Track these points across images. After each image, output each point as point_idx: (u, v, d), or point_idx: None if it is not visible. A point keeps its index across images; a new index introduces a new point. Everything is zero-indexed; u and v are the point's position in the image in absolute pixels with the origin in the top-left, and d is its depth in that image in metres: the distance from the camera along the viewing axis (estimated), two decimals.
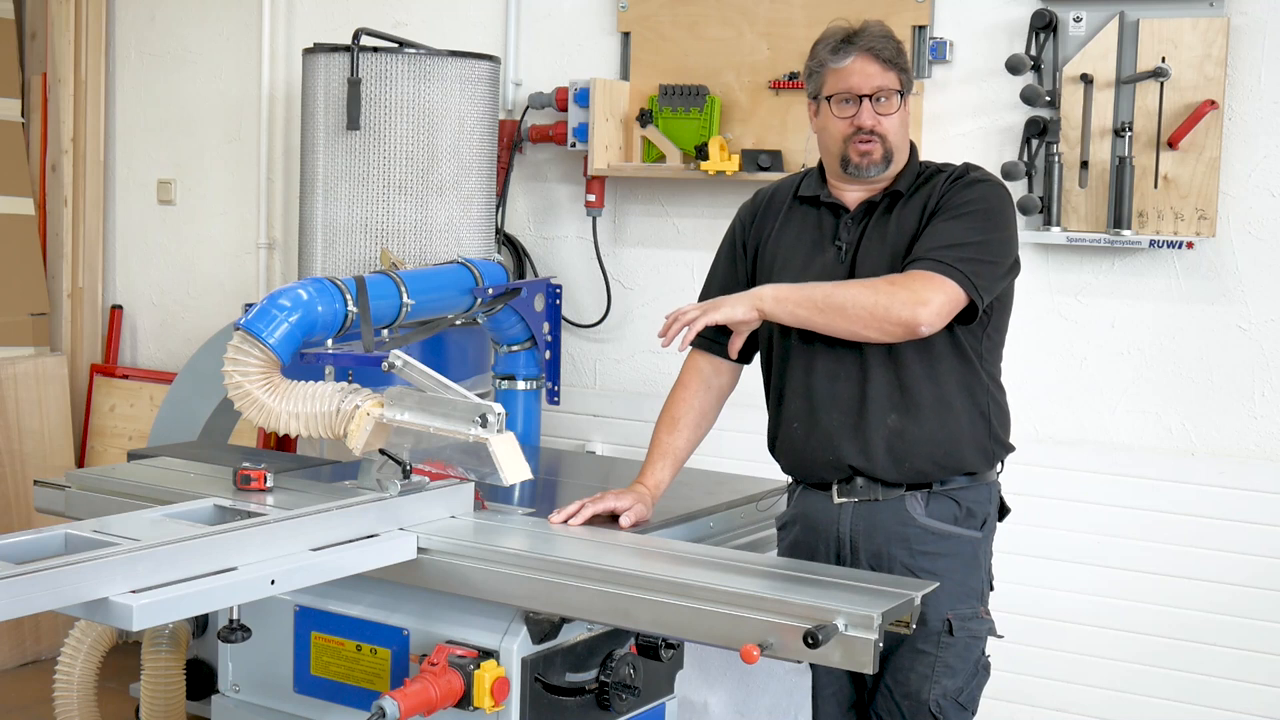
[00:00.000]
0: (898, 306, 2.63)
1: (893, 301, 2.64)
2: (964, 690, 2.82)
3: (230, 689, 2.99)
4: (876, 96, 2.77)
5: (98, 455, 5.33)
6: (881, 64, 2.77)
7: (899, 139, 2.81)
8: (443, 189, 3.94)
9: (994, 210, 2.76)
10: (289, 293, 3.01)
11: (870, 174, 2.80)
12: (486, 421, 2.69)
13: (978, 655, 2.84)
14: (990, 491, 2.87)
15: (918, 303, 2.63)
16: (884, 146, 2.78)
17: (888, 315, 2.64)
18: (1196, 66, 3.68)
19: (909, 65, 2.83)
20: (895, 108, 2.77)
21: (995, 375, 2.88)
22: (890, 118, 2.78)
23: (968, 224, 2.72)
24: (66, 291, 5.40)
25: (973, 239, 2.70)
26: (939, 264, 2.66)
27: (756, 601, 2.37)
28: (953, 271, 2.65)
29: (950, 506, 2.81)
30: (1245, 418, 3.77)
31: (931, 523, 2.79)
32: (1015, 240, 2.80)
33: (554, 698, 2.66)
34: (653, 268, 4.52)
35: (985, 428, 2.83)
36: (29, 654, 4.98)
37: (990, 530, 2.89)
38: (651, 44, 4.41)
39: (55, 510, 3.12)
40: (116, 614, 2.20)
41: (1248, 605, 3.74)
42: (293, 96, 4.96)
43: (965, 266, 2.66)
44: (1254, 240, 3.73)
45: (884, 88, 2.77)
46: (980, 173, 2.83)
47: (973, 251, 2.69)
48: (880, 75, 2.77)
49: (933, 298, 2.64)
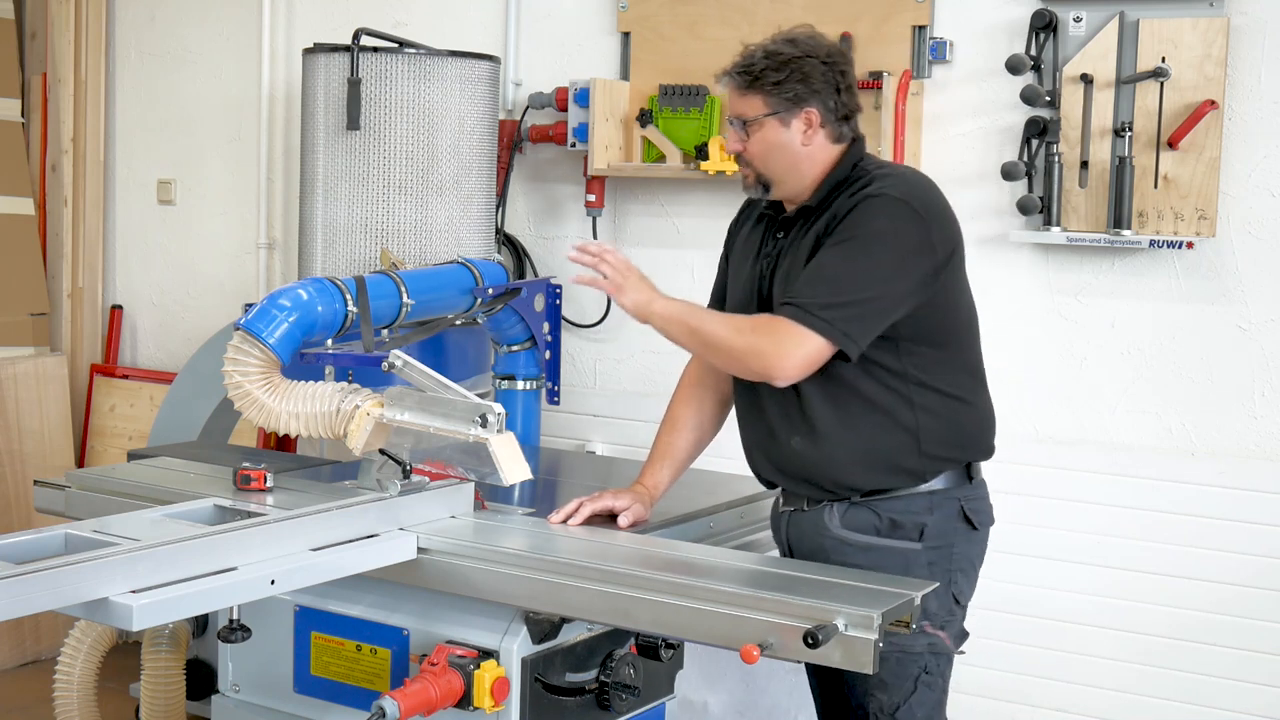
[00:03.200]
0: (753, 357, 2.64)
1: (750, 351, 2.64)
2: (901, 706, 2.75)
3: (230, 689, 2.99)
4: (738, 123, 2.78)
5: (98, 455, 5.33)
6: (737, 90, 2.77)
7: (770, 164, 2.76)
8: (443, 189, 3.94)
9: (879, 236, 2.64)
10: (289, 293, 3.01)
11: (753, 194, 2.84)
12: (486, 421, 2.69)
13: (916, 672, 2.74)
14: (930, 502, 2.75)
15: (776, 355, 2.61)
16: (754, 171, 2.79)
17: (745, 363, 2.67)
18: (1196, 66, 3.68)
19: (790, 80, 2.73)
20: (752, 133, 2.75)
21: (938, 386, 2.75)
22: (750, 145, 2.77)
23: (845, 256, 2.63)
24: (66, 291, 5.40)
25: (846, 278, 2.62)
26: (803, 312, 2.60)
27: (756, 601, 2.37)
28: (816, 322, 2.59)
29: (869, 518, 2.74)
30: (1245, 418, 3.77)
31: (847, 534, 2.74)
32: (908, 267, 2.64)
33: (554, 698, 2.66)
34: (653, 268, 4.46)
35: (910, 442, 2.72)
36: (29, 654, 4.98)
37: (942, 543, 2.75)
38: (651, 44, 4.41)
39: (55, 510, 3.12)
40: (116, 614, 2.20)
41: (1248, 605, 3.74)
42: (293, 96, 4.96)
43: (829, 314, 2.59)
44: (1254, 240, 3.73)
45: (738, 114, 2.77)
46: (885, 186, 2.69)
47: (845, 293, 2.60)
48: (738, 102, 2.78)
49: (791, 352, 2.60)
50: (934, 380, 2.75)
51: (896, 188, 2.69)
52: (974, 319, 2.87)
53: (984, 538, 2.86)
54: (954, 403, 2.78)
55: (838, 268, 2.63)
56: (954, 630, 2.79)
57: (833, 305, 2.59)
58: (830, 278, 2.63)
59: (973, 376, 2.85)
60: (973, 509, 2.80)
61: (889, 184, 2.69)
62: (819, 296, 2.60)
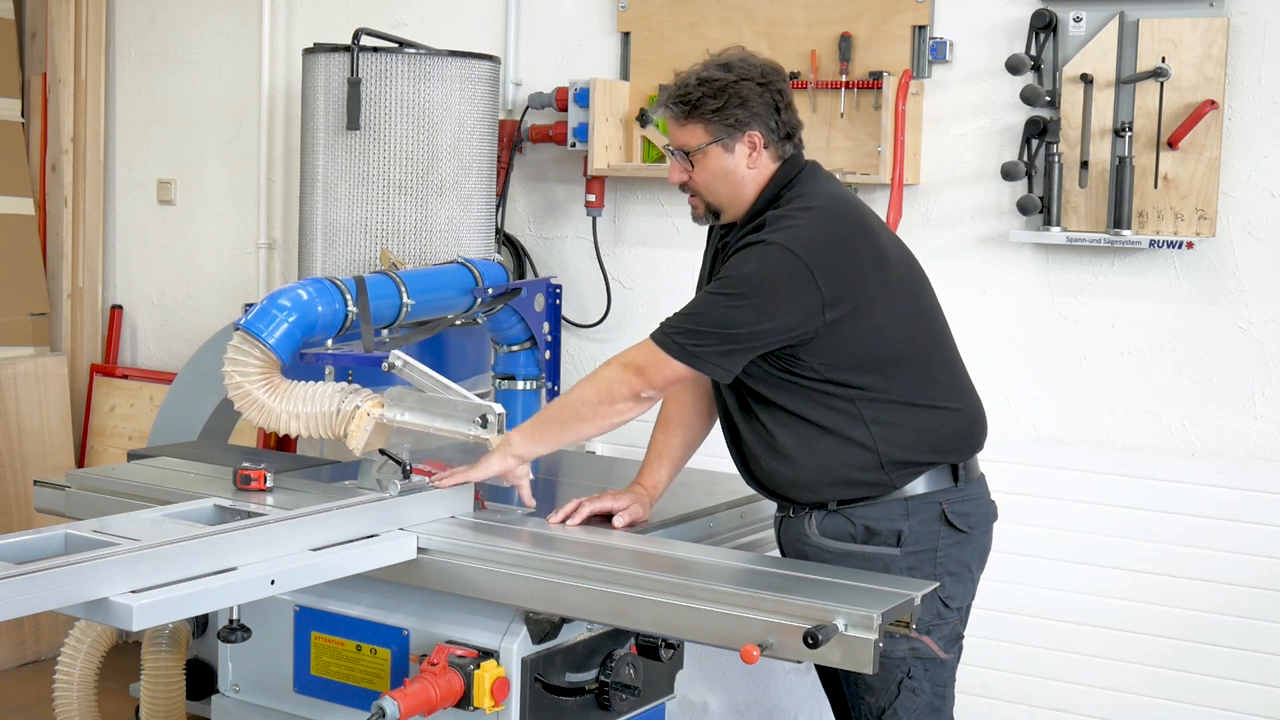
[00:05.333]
0: (617, 388, 2.72)
1: (610, 383, 2.72)
2: (886, 710, 2.77)
3: (230, 689, 2.99)
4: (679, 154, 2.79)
5: (98, 455, 5.33)
6: (676, 121, 2.78)
7: (714, 191, 2.79)
8: (443, 189, 3.94)
9: (746, 280, 2.67)
10: (289, 293, 3.01)
11: (704, 223, 2.89)
12: (486, 421, 2.69)
13: (899, 677, 2.75)
14: (905, 508, 2.76)
15: (633, 372, 2.71)
16: (703, 200, 2.81)
17: (613, 390, 2.73)
18: (1196, 66, 3.68)
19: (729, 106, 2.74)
20: (695, 162, 2.77)
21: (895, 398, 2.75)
22: (695, 174, 2.78)
23: (713, 292, 2.70)
24: (66, 291, 5.40)
25: (707, 310, 2.69)
26: (661, 334, 2.70)
27: (756, 601, 2.37)
28: (669, 343, 2.69)
29: (844, 525, 2.76)
30: (1245, 418, 3.77)
31: (825, 541, 2.76)
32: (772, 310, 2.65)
33: (554, 698, 2.67)
34: (653, 268, 4.51)
35: (868, 456, 2.73)
36: (29, 654, 4.98)
37: (922, 548, 2.76)
38: (651, 44, 4.41)
39: (55, 510, 3.12)
40: (116, 614, 2.20)
41: (1248, 605, 3.73)
42: (293, 96, 4.96)
43: (684, 339, 2.67)
44: (1254, 240, 3.73)
45: (680, 145, 2.79)
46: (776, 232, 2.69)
47: (701, 322, 2.67)
48: (676, 133, 2.79)
49: (646, 364, 2.70)
50: (889, 394, 2.75)
51: (787, 236, 2.67)
52: (925, 337, 2.84)
53: (979, 539, 2.86)
54: (920, 410, 2.78)
55: (702, 303, 2.72)
56: (942, 634, 2.77)
57: (688, 331, 2.68)
58: (693, 310, 2.71)
59: (942, 384, 2.83)
60: (956, 511, 2.79)
61: (783, 230, 2.69)
62: (679, 322, 2.70)
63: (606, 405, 2.74)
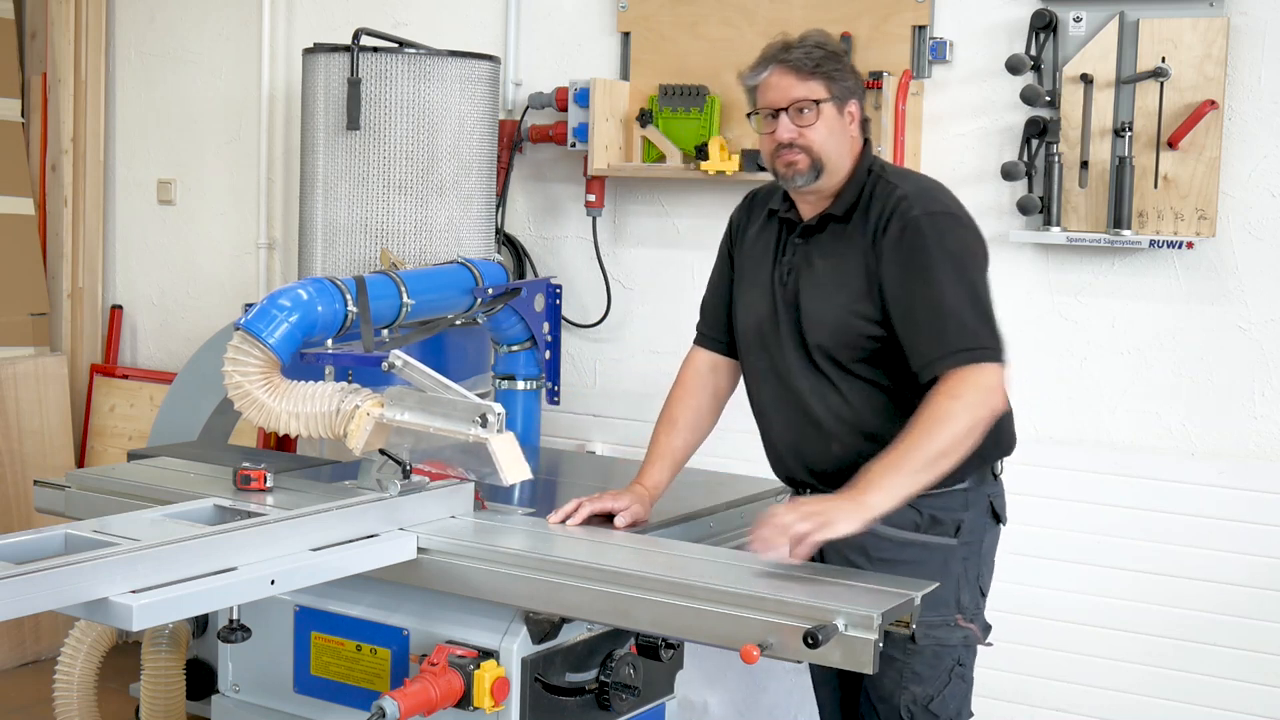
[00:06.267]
0: (980, 412, 2.64)
1: (973, 417, 2.63)
2: (934, 698, 2.79)
3: (230, 689, 2.99)
4: (796, 108, 2.78)
5: (98, 455, 5.33)
6: (799, 75, 2.77)
7: (828, 149, 2.79)
8: (443, 189, 3.94)
9: (966, 251, 2.73)
10: (289, 293, 3.01)
11: (798, 184, 2.81)
12: (486, 421, 2.69)
13: (950, 664, 2.80)
14: (965, 499, 2.81)
15: (988, 397, 2.65)
16: (809, 156, 2.78)
17: (978, 427, 2.64)
18: (1196, 66, 3.68)
19: (843, 73, 2.80)
20: (815, 118, 2.77)
21: None
22: (813, 129, 2.77)
23: (956, 282, 2.69)
24: (66, 291, 5.40)
25: (972, 300, 2.70)
26: (967, 354, 2.65)
27: (756, 601, 2.37)
28: (988, 353, 2.68)
29: (909, 515, 2.75)
30: (1245, 418, 3.77)
31: (889, 530, 2.74)
32: (985, 276, 2.76)
33: (554, 698, 2.67)
34: (653, 268, 4.52)
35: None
36: (29, 654, 4.98)
37: (974, 538, 2.83)
38: (651, 44, 4.41)
39: (55, 510, 3.12)
40: (116, 614, 2.20)
41: (1248, 605, 3.73)
42: (293, 96, 4.96)
43: (990, 338, 2.69)
44: (1254, 240, 3.73)
45: (801, 99, 2.77)
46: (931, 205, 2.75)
47: (980, 314, 2.70)
48: (798, 87, 2.78)
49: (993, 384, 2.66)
50: None
51: (944, 205, 2.77)
52: None
53: (1000, 531, 2.94)
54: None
55: (950, 299, 2.68)
56: (981, 624, 2.86)
57: (978, 331, 2.68)
58: (952, 312, 2.67)
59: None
60: (999, 504, 2.89)
61: (933, 199, 2.76)
62: (970, 335, 2.67)
63: (973, 438, 2.66)
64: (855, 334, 2.75)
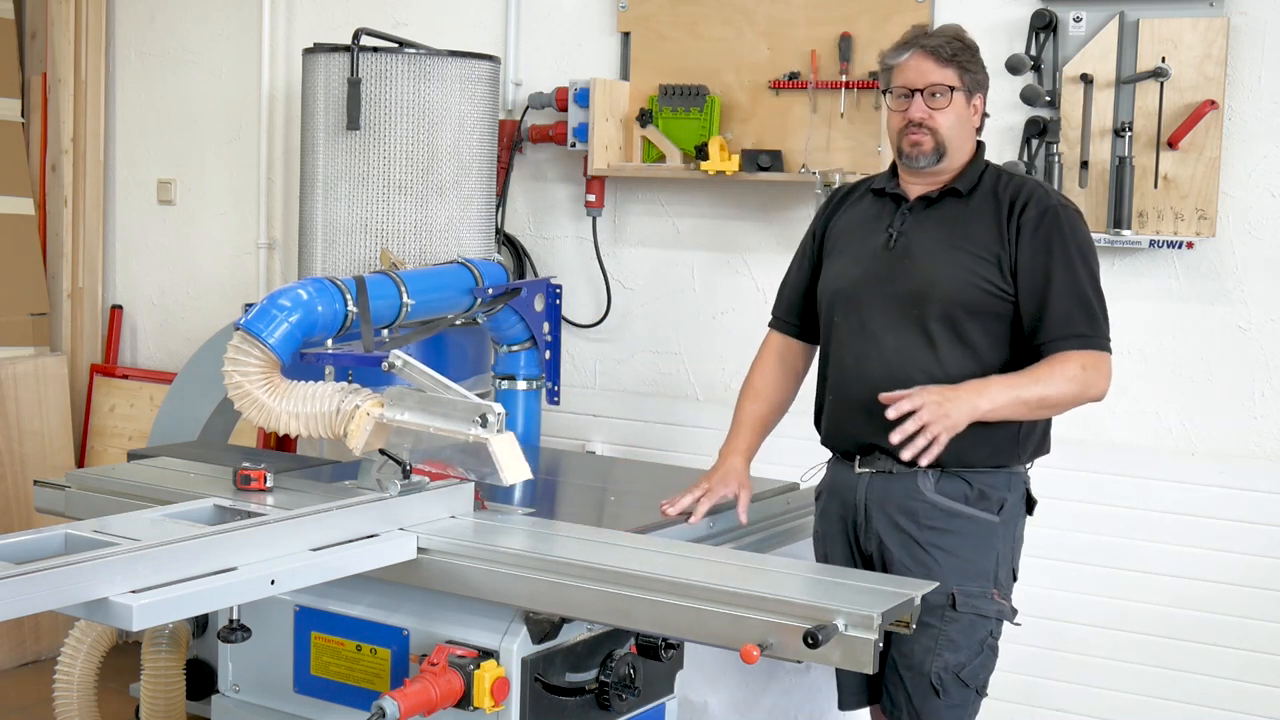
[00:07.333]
0: (1091, 390, 2.89)
1: (1085, 389, 2.87)
2: (966, 666, 2.90)
3: (230, 689, 2.99)
4: (930, 92, 2.91)
5: (98, 455, 5.33)
6: (938, 61, 2.93)
7: (953, 134, 2.94)
8: (443, 189, 3.94)
9: (1087, 242, 2.94)
10: (289, 293, 3.01)
11: (920, 164, 2.95)
12: (486, 421, 2.69)
13: (984, 635, 2.92)
14: (1010, 479, 2.95)
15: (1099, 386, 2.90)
16: (935, 139, 2.93)
17: (1081, 400, 2.90)
18: (1196, 66, 3.68)
19: (975, 66, 2.97)
20: (947, 103, 2.91)
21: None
22: (942, 113, 2.92)
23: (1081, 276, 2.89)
24: (66, 291, 5.40)
25: (1094, 295, 2.91)
26: (1097, 340, 2.89)
27: (756, 601, 2.37)
28: (1103, 343, 2.90)
29: (961, 486, 2.91)
30: (1245, 418, 3.77)
31: (940, 499, 2.90)
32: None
33: (554, 698, 2.66)
34: (653, 268, 4.52)
35: (1016, 430, 2.92)
36: (29, 654, 4.98)
37: (1013, 517, 2.96)
38: (651, 44, 4.41)
39: (55, 510, 3.12)
40: (116, 614, 2.20)
41: (1248, 605, 3.74)
42: (293, 96, 4.96)
43: (1106, 331, 2.91)
44: (1254, 240, 3.73)
45: (936, 84, 2.92)
46: (1054, 199, 2.95)
47: (1101, 308, 2.91)
48: (935, 72, 2.93)
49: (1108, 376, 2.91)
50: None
51: (1064, 200, 2.98)
52: None
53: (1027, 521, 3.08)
54: None
55: (1085, 288, 2.90)
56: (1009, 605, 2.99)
57: (1103, 322, 2.92)
58: (1084, 300, 2.89)
59: None
60: (1030, 490, 3.03)
61: (1055, 195, 2.98)
62: (1093, 325, 2.89)
63: (1074, 405, 2.92)
64: (971, 289, 2.89)
